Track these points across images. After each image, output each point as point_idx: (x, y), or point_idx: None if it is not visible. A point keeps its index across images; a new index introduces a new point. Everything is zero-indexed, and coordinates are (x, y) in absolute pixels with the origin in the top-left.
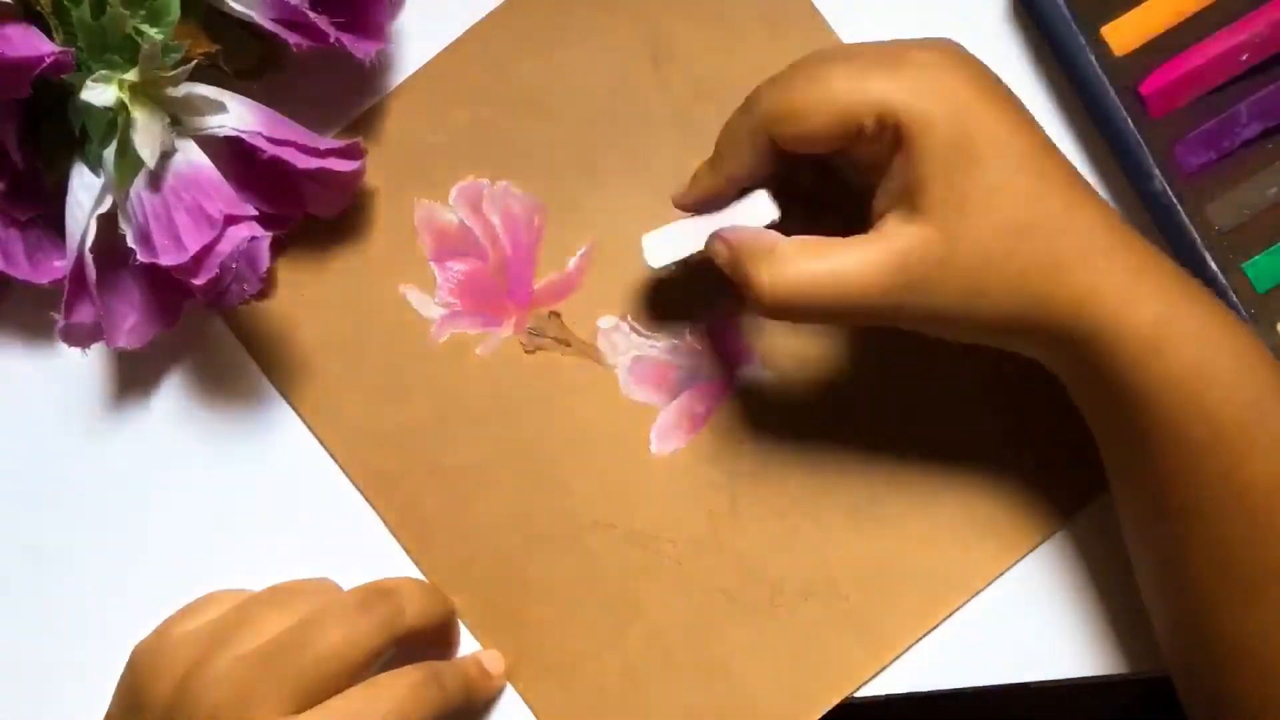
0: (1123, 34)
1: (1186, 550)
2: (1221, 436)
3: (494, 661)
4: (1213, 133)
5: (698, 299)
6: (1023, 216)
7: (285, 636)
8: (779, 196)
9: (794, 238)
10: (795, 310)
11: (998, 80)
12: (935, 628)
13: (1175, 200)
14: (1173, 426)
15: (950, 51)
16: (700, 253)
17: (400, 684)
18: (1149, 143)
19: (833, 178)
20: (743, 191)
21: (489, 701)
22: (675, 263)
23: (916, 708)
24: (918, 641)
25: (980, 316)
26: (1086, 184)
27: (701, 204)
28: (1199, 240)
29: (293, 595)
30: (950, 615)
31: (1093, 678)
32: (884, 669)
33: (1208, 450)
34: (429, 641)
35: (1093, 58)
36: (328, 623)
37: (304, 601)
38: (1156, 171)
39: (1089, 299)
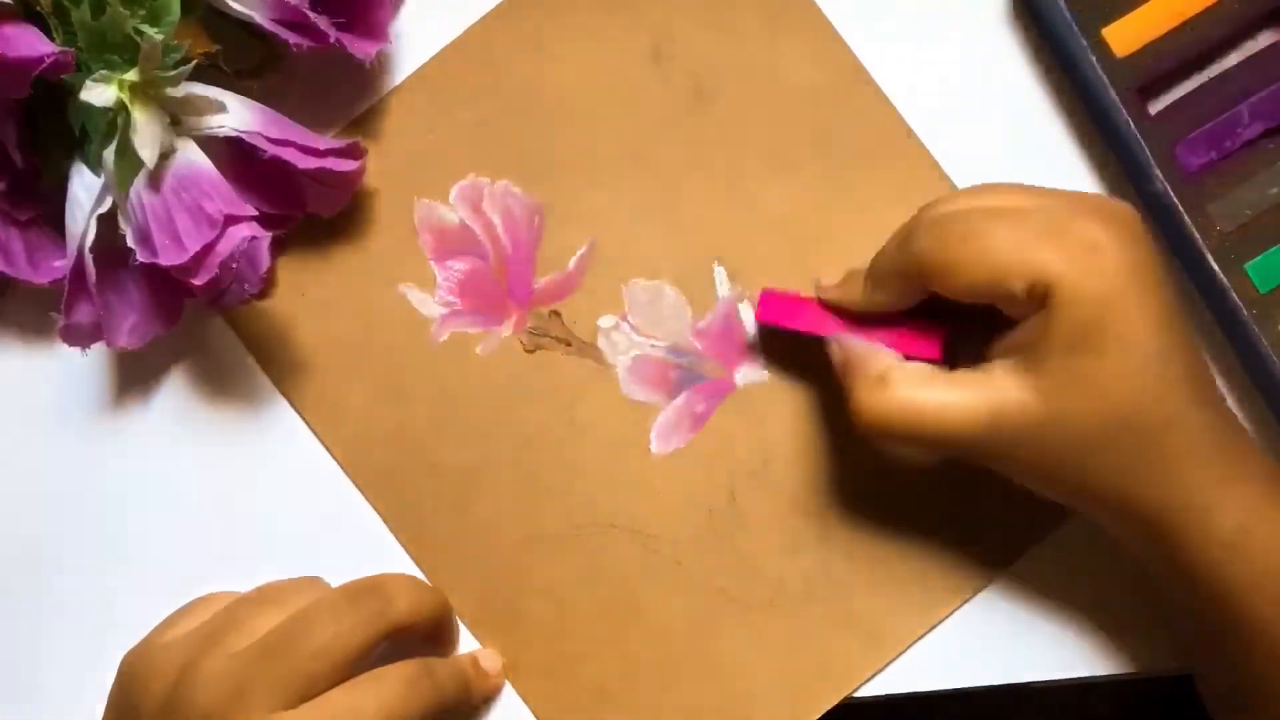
0: (1123, 35)
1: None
2: None
3: (491, 660)
4: (1214, 133)
5: (698, 298)
6: (1126, 415)
7: (276, 633)
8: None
9: (906, 365)
10: (887, 435)
11: (1156, 266)
12: (935, 627)
13: (1176, 201)
14: (1252, 625)
15: (1116, 229)
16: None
17: (394, 678)
18: (1150, 143)
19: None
20: None
21: (486, 700)
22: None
23: (916, 708)
24: (917, 641)
25: (1060, 490)
26: (1206, 384)
27: (841, 308)
28: (1200, 240)
29: (281, 594)
30: (950, 615)
31: (1092, 678)
32: (884, 669)
33: None
34: (425, 638)
35: (1093, 59)
36: (318, 618)
37: (293, 600)
38: (1158, 172)
39: (1169, 502)
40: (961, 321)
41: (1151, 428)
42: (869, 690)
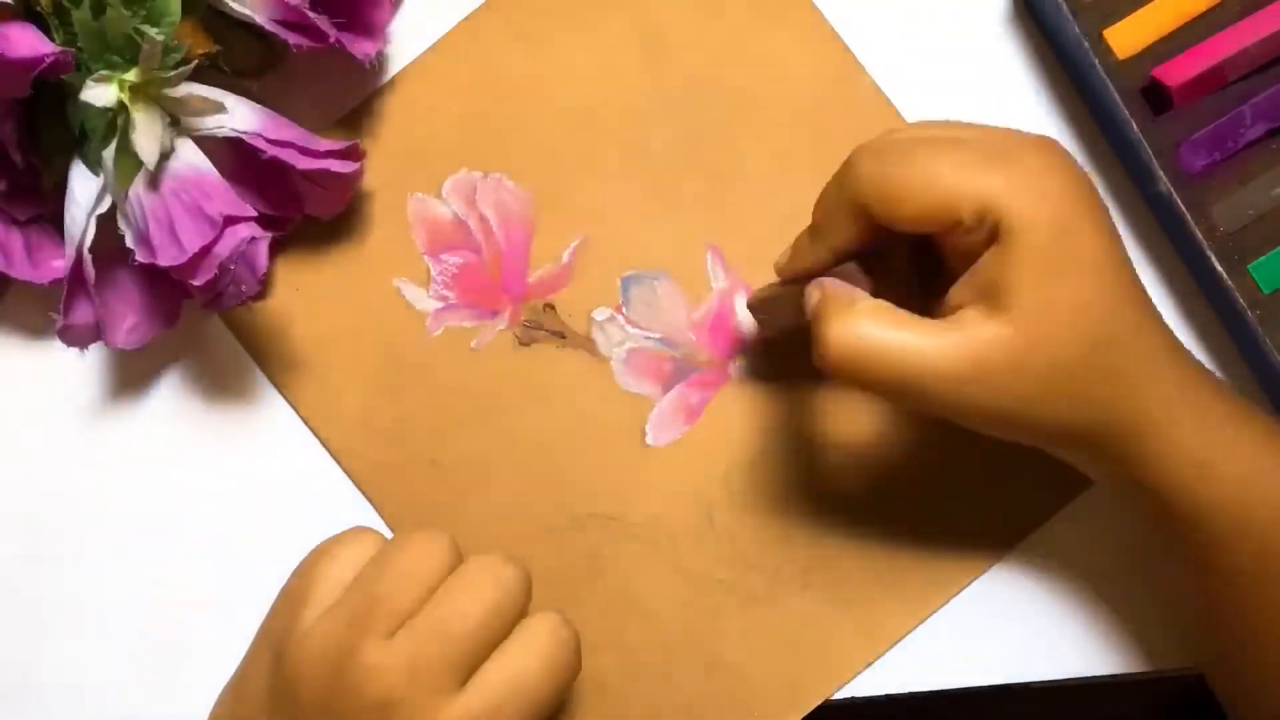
0: (1125, 37)
1: (1251, 664)
2: (1272, 561)
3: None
4: (1217, 134)
5: (693, 290)
6: (1102, 332)
7: (435, 614)
8: (876, 271)
9: (878, 301)
10: (851, 373)
11: (1094, 190)
12: (930, 617)
13: (1180, 202)
14: (1222, 551)
15: (1055, 155)
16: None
17: (539, 630)
18: (1153, 145)
19: (928, 258)
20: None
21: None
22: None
23: (916, 708)
24: (912, 631)
25: (1039, 423)
26: (1151, 301)
27: (802, 275)
28: (1204, 242)
29: (412, 564)
30: (944, 605)
31: (1092, 678)
32: (879, 659)
33: (1260, 576)
34: None
35: (1095, 61)
36: (474, 589)
37: (426, 568)
38: (1161, 174)
39: (1142, 418)
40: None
41: (1121, 342)
42: (869, 690)
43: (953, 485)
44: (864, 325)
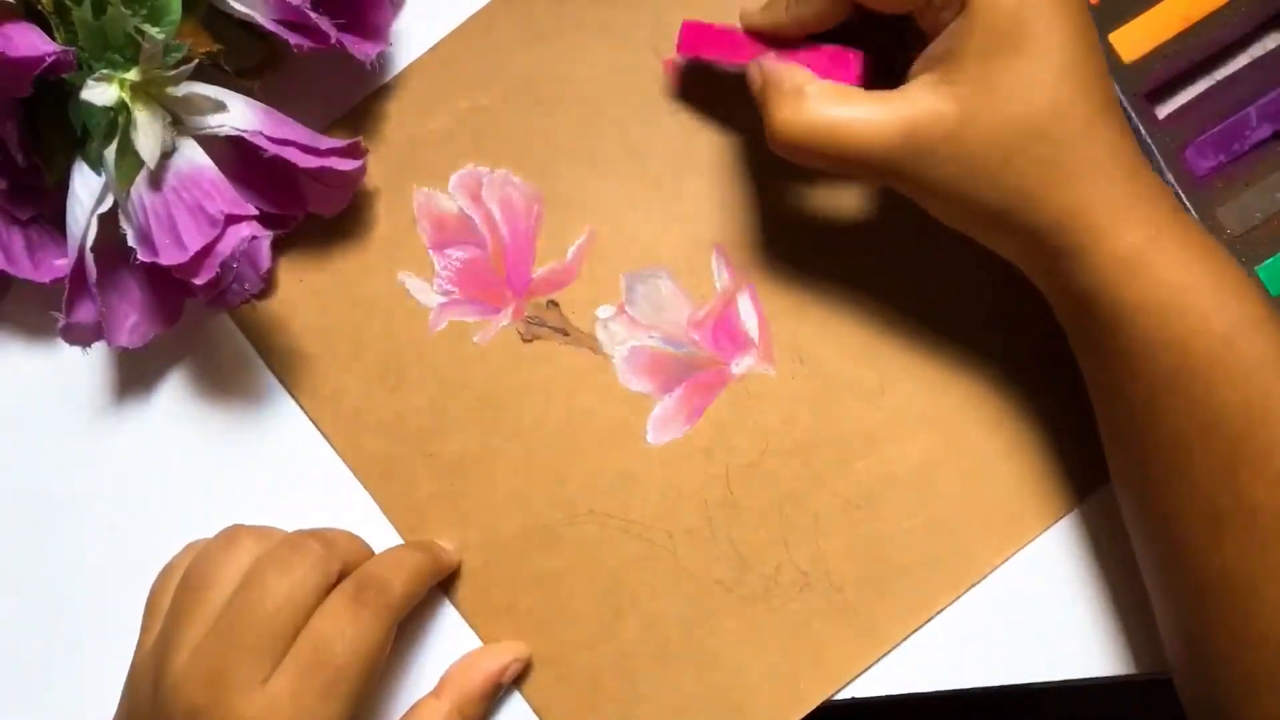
0: (1130, 40)
1: (1157, 483)
2: (1191, 366)
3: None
4: (1222, 136)
5: (696, 289)
6: (1041, 121)
7: (231, 609)
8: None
9: (823, 82)
10: (800, 150)
11: None
12: (929, 620)
13: (1186, 204)
14: (1144, 353)
15: None
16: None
17: (338, 602)
18: (1159, 147)
19: (903, 42)
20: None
21: (442, 574)
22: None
23: (916, 708)
24: (912, 634)
25: (971, 202)
26: (1115, 103)
27: (764, 33)
28: None
29: (217, 566)
30: (945, 609)
31: (1092, 678)
32: (878, 661)
33: (1177, 379)
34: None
35: None
36: (266, 577)
37: (230, 571)
38: (1168, 176)
39: (1077, 214)
40: (879, 51)
41: (1067, 135)
42: (869, 690)
43: (953, 488)
44: (809, 107)
